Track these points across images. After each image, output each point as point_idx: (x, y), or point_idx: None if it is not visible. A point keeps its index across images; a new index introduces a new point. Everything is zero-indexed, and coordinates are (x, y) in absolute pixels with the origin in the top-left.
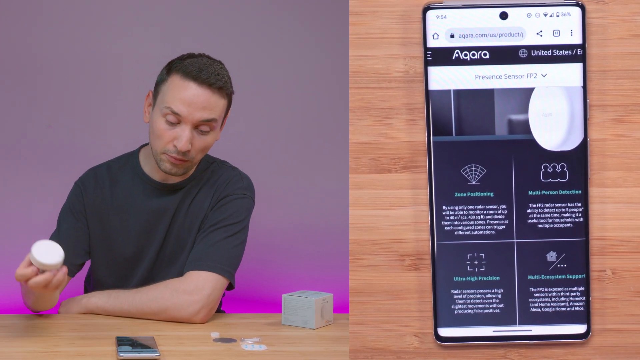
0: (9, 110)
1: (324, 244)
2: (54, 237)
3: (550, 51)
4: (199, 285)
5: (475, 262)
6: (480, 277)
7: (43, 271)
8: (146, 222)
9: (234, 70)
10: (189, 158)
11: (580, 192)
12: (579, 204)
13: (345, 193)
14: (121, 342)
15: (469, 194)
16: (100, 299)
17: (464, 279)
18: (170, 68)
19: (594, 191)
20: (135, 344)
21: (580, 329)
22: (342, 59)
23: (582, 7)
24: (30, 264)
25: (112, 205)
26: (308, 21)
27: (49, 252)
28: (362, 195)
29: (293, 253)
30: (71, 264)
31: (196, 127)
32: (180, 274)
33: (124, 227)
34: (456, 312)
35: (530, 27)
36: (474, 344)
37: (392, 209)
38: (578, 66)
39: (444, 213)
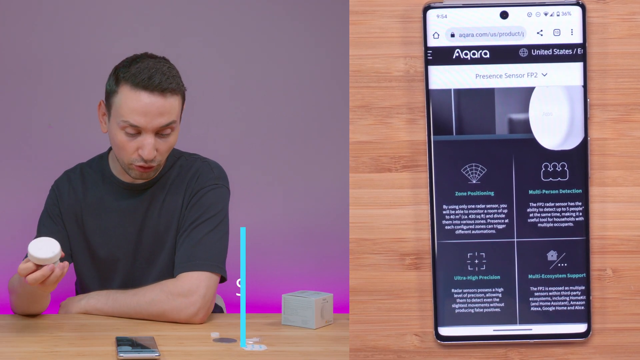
0: (9, 110)
1: (324, 244)
2: None
3: (550, 50)
4: (193, 287)
5: (476, 261)
6: (480, 276)
7: (40, 267)
8: (118, 224)
9: (234, 70)
10: (157, 162)
11: (580, 191)
12: (580, 203)
13: (345, 192)
14: (121, 342)
15: (469, 193)
16: (98, 300)
17: (464, 278)
18: (118, 77)
19: (594, 190)
20: (135, 344)
21: (581, 328)
22: (342, 58)
23: (583, 7)
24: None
25: (86, 208)
26: (308, 21)
27: (44, 247)
28: (362, 194)
29: (293, 253)
30: None
31: (157, 133)
32: (160, 273)
33: (98, 229)
34: (457, 311)
35: (531, 27)
36: (475, 343)
37: (392, 208)
38: (578, 65)
39: (444, 212)
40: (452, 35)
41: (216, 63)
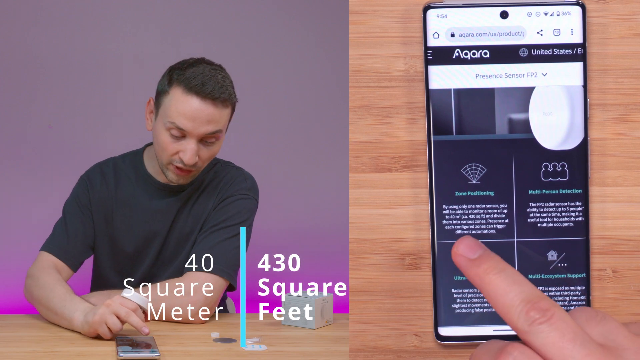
0: (9, 110)
1: (324, 243)
2: (60, 228)
3: (550, 50)
4: (196, 287)
5: None
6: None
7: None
8: (148, 222)
9: (234, 71)
10: (197, 168)
11: (580, 191)
12: (580, 203)
13: (345, 192)
14: (121, 342)
15: (469, 193)
16: (99, 300)
17: (464, 278)
18: (172, 78)
19: (594, 190)
20: (135, 344)
21: None
22: (342, 58)
23: (583, 7)
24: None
25: (116, 203)
26: (308, 21)
27: (133, 295)
28: (362, 194)
29: (293, 252)
30: (77, 259)
31: (201, 139)
32: (178, 272)
33: (127, 225)
34: (457, 311)
35: (531, 26)
36: (475, 344)
37: (392, 208)
38: (578, 65)
39: (444, 212)
40: (452, 35)
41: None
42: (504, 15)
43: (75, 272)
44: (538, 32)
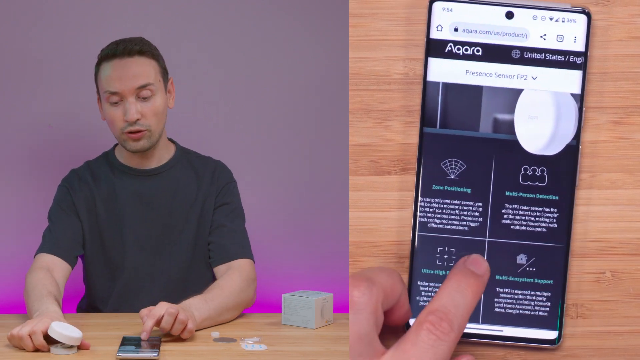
0: (9, 110)
1: (324, 244)
2: (48, 231)
3: (551, 55)
4: (253, 273)
5: (445, 256)
6: (448, 272)
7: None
8: (131, 209)
9: (234, 71)
10: (145, 127)
11: (557, 197)
12: (555, 210)
13: (345, 194)
14: (127, 341)
15: (446, 187)
16: (199, 308)
17: (431, 271)
18: (98, 60)
19: (594, 193)
20: (139, 343)
21: (549, 334)
22: (341, 60)
23: (588, 15)
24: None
25: (98, 198)
26: (308, 22)
27: (68, 329)
28: (361, 197)
29: (293, 253)
30: (71, 253)
31: (137, 96)
32: (178, 260)
33: (111, 217)
34: (420, 303)
35: (535, 30)
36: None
37: (391, 210)
38: (577, 73)
39: (419, 204)
40: (456, 30)
41: (216, 65)
42: (510, 15)
43: (73, 267)
44: (541, 36)
